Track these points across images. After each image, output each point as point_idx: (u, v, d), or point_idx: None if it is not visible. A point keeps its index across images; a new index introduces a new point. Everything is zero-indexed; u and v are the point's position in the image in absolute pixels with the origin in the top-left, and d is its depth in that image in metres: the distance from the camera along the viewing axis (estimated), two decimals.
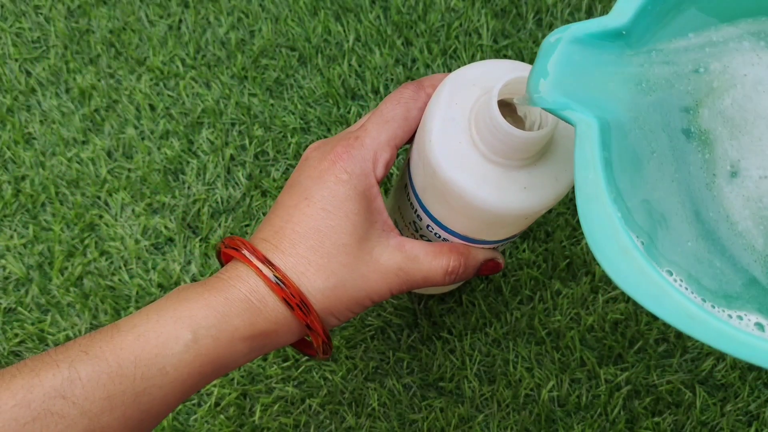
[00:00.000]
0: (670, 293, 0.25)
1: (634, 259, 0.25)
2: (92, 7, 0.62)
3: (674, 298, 0.25)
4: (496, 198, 0.33)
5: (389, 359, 0.55)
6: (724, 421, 0.54)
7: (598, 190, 0.26)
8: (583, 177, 0.26)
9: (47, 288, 0.56)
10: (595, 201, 0.26)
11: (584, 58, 0.28)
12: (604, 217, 0.26)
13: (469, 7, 0.63)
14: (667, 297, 0.25)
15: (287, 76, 0.61)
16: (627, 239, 0.25)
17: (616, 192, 0.26)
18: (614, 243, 0.26)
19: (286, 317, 0.34)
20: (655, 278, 0.25)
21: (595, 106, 0.27)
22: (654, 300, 0.25)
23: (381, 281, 0.35)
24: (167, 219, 0.57)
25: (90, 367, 0.30)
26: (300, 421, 0.54)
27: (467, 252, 0.37)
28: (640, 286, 0.25)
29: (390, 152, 0.36)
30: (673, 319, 0.25)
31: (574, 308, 0.56)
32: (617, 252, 0.25)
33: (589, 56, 0.28)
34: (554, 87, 0.27)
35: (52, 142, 0.59)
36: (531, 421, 0.54)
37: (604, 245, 0.26)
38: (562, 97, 0.27)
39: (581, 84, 0.27)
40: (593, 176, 0.26)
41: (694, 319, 0.25)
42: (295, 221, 0.34)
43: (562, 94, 0.27)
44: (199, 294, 0.33)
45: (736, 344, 0.24)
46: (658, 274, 0.25)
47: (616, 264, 0.25)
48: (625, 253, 0.25)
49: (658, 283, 0.25)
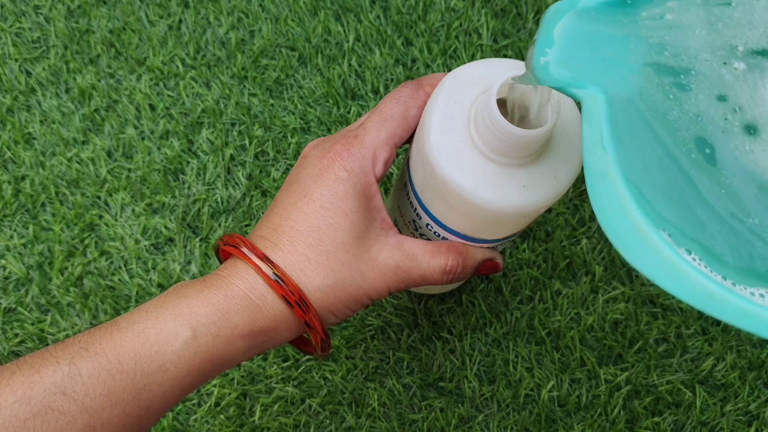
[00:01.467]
0: (688, 272, 0.24)
1: (648, 238, 0.24)
2: (92, 7, 0.62)
3: (691, 276, 0.24)
4: (495, 196, 0.33)
5: (389, 359, 0.55)
6: (724, 421, 0.54)
7: (607, 167, 0.25)
8: (592, 155, 0.25)
9: (47, 288, 0.56)
10: (605, 179, 0.25)
11: (589, 30, 0.26)
12: (616, 195, 0.24)
13: (469, 7, 0.63)
14: (684, 276, 0.24)
15: (287, 76, 0.61)
16: (640, 217, 0.24)
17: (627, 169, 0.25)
18: (627, 222, 0.24)
19: (285, 315, 0.34)
20: (670, 257, 0.24)
21: (603, 80, 0.26)
22: (671, 279, 0.24)
23: (379, 279, 0.35)
24: (167, 219, 0.57)
25: (90, 363, 0.30)
26: (300, 421, 0.54)
27: (465, 251, 0.37)
28: (655, 265, 0.24)
29: (389, 151, 0.36)
30: (691, 298, 0.23)
31: (574, 308, 0.56)
32: (630, 231, 0.24)
33: (595, 27, 0.26)
34: (559, 61, 0.26)
35: (52, 142, 0.59)
36: (531, 421, 0.54)
37: (616, 224, 0.24)
38: (568, 71, 0.26)
39: (587, 57, 0.26)
40: (602, 154, 0.25)
41: (714, 298, 0.23)
42: (294, 219, 0.34)
43: (568, 68, 0.26)
44: (198, 291, 0.33)
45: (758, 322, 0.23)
46: (674, 252, 0.24)
47: (629, 243, 0.24)
48: (638, 231, 0.24)
49: (674, 262, 0.24)
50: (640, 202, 0.25)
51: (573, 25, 0.26)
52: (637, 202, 0.24)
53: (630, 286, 0.56)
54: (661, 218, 0.25)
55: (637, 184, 0.25)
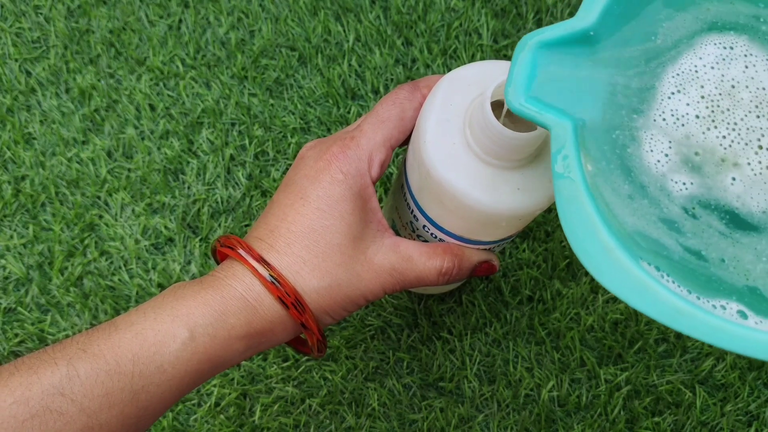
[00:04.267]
0: (656, 289, 0.25)
1: (617, 258, 0.25)
2: (92, 7, 0.62)
3: (660, 293, 0.24)
4: (490, 198, 0.33)
5: (389, 359, 0.55)
6: (724, 421, 0.54)
7: (576, 191, 0.26)
8: (560, 179, 0.26)
9: (47, 288, 0.56)
10: (574, 202, 0.26)
11: (556, 62, 0.28)
12: (584, 217, 0.26)
13: (469, 7, 0.63)
14: (653, 293, 0.25)
15: (287, 76, 0.61)
16: (608, 238, 0.25)
17: (594, 191, 0.26)
18: (596, 243, 0.25)
19: (282, 316, 0.34)
20: (638, 275, 0.25)
21: (570, 108, 0.27)
22: (640, 297, 0.25)
23: (375, 280, 0.35)
24: (167, 219, 0.58)
25: (88, 364, 0.31)
26: (300, 421, 0.54)
27: (461, 253, 0.37)
28: (624, 284, 0.25)
29: (385, 152, 0.36)
30: (661, 315, 0.24)
31: (574, 308, 0.56)
32: (600, 251, 0.25)
33: (561, 59, 0.28)
34: (526, 92, 0.27)
35: (52, 142, 0.59)
36: (531, 421, 0.54)
37: (587, 246, 0.25)
38: (536, 101, 0.27)
39: (554, 87, 0.28)
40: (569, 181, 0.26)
41: (682, 314, 0.24)
42: (291, 220, 0.34)
43: (535, 98, 0.27)
44: (195, 292, 0.33)
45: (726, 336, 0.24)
46: (641, 270, 0.25)
47: (599, 263, 0.25)
48: (607, 251, 0.25)
49: (641, 280, 0.25)
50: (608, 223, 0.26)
51: (540, 56, 0.28)
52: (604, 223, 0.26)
53: None
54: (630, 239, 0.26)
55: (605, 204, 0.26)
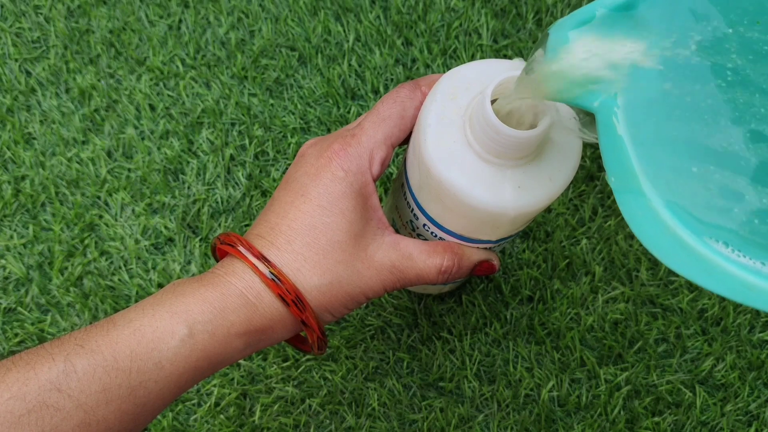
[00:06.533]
0: (722, 265, 0.23)
1: (682, 238, 0.23)
2: (92, 7, 0.62)
3: (729, 271, 0.23)
4: (490, 197, 0.33)
5: (389, 359, 0.55)
6: (724, 421, 0.54)
7: (630, 171, 0.24)
8: (612, 158, 0.24)
9: (47, 288, 0.56)
10: (631, 187, 0.24)
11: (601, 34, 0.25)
12: (644, 204, 0.24)
13: (469, 7, 0.63)
14: (722, 272, 0.23)
15: (287, 76, 0.61)
16: (671, 219, 0.24)
17: (653, 169, 0.24)
18: (661, 228, 0.24)
19: (282, 313, 0.34)
20: (702, 252, 0.23)
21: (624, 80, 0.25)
22: (710, 277, 0.23)
23: (375, 278, 0.35)
24: (167, 219, 0.57)
25: (86, 360, 0.30)
26: (300, 421, 0.54)
27: (461, 252, 0.37)
28: (689, 263, 0.23)
29: (386, 150, 0.36)
30: (732, 293, 0.23)
31: (574, 308, 0.56)
32: (664, 235, 0.24)
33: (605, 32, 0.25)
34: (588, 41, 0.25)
35: (52, 142, 0.59)
36: (531, 421, 0.54)
37: (649, 232, 0.24)
38: (595, 56, 0.25)
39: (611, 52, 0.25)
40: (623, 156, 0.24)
41: (753, 289, 0.23)
42: (291, 218, 0.34)
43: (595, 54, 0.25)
44: (194, 289, 0.33)
45: None
46: (706, 246, 0.23)
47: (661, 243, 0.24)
48: (670, 233, 0.24)
49: (709, 259, 0.23)
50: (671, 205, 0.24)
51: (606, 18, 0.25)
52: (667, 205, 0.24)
53: (630, 286, 0.56)
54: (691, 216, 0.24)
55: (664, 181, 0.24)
